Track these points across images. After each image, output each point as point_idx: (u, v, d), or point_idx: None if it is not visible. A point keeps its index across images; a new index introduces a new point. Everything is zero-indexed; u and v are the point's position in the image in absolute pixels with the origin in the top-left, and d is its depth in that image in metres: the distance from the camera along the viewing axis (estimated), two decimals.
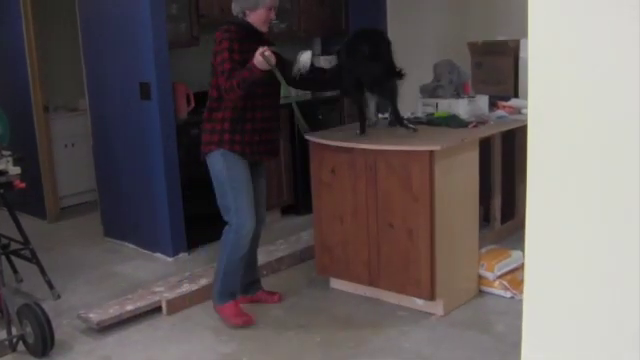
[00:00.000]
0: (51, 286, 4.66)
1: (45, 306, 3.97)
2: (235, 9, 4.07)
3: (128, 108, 5.42)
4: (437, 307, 4.15)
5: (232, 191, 4.05)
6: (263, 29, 4.06)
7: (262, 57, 3.75)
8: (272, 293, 4.51)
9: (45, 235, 6.05)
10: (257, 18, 4.02)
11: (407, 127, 4.34)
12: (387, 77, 4.27)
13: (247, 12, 4.02)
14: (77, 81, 6.39)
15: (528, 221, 1.51)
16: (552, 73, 1.43)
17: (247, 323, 4.15)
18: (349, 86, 4.32)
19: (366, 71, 4.22)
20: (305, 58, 4.09)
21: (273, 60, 3.79)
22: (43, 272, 4.65)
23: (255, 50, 3.79)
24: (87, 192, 6.89)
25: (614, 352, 1.48)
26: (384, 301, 4.34)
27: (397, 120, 4.38)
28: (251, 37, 3.98)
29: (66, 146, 6.93)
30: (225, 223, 5.74)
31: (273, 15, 4.08)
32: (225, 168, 4.04)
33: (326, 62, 6.06)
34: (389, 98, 4.37)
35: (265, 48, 3.79)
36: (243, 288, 4.36)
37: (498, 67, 4.44)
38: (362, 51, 4.24)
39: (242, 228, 4.06)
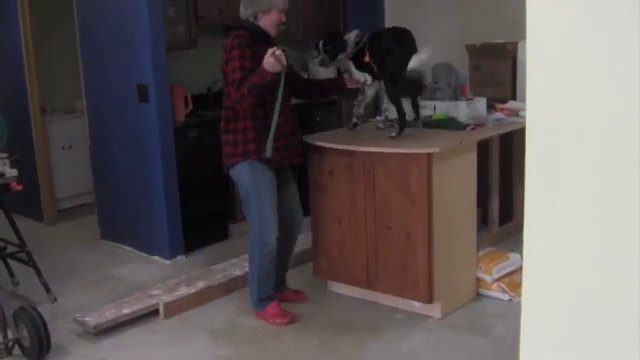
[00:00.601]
0: (47, 289, 4.64)
1: (41, 309, 3.96)
2: (245, 13, 4.03)
3: (126, 110, 5.40)
4: (435, 310, 4.14)
5: (257, 201, 4.05)
6: (273, 32, 4.05)
7: (273, 57, 3.74)
8: (298, 292, 4.53)
9: (42, 238, 6.03)
10: (269, 21, 4.01)
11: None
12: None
13: (259, 15, 4.00)
14: (75, 83, 6.37)
15: (526, 223, 1.50)
16: (550, 75, 1.42)
17: (291, 322, 4.18)
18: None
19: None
20: (424, 57, 4.05)
21: (284, 59, 3.79)
22: (39, 275, 4.63)
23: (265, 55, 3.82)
24: (84, 194, 6.86)
25: (613, 354, 1.47)
26: (382, 304, 4.33)
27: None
28: (262, 41, 3.97)
29: (63, 148, 6.91)
30: (223, 227, 5.80)
31: (284, 17, 4.07)
32: (251, 178, 4.03)
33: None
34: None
35: (275, 48, 3.79)
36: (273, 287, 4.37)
37: (496, 69, 4.44)
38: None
39: (266, 237, 4.08)
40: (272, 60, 3.75)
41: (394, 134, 4.19)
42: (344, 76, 4.42)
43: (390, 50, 4.15)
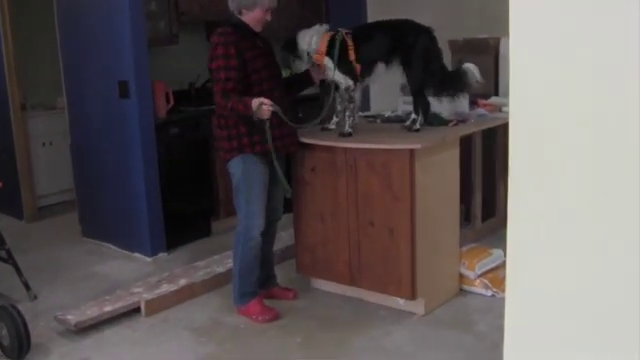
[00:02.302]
0: (28, 287, 4.59)
1: (21, 308, 3.90)
2: (231, 6, 4.03)
3: (107, 106, 5.36)
4: (418, 306, 4.13)
5: (246, 194, 4.05)
6: (257, 29, 4.04)
7: (260, 110, 3.82)
8: (287, 289, 4.51)
9: (22, 235, 5.97)
10: (253, 18, 3.99)
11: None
12: None
13: (243, 11, 3.99)
14: (55, 79, 6.32)
15: (510, 220, 1.49)
16: (534, 69, 1.41)
17: (274, 318, 4.17)
18: None
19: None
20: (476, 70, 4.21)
21: (268, 115, 3.85)
22: (19, 273, 4.58)
23: (252, 49, 3.91)
24: (65, 191, 6.81)
25: (597, 351, 1.46)
26: (365, 301, 4.32)
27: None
28: (247, 37, 3.97)
29: (44, 145, 6.86)
30: (206, 224, 5.77)
31: (269, 16, 4.05)
32: (242, 170, 4.03)
33: None
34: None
35: (264, 101, 3.82)
36: (259, 283, 4.32)
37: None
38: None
39: (251, 230, 4.08)
40: (260, 110, 3.82)
41: (418, 126, 4.19)
42: (309, 69, 4.36)
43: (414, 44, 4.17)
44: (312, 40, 4.18)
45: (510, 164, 1.45)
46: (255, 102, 3.82)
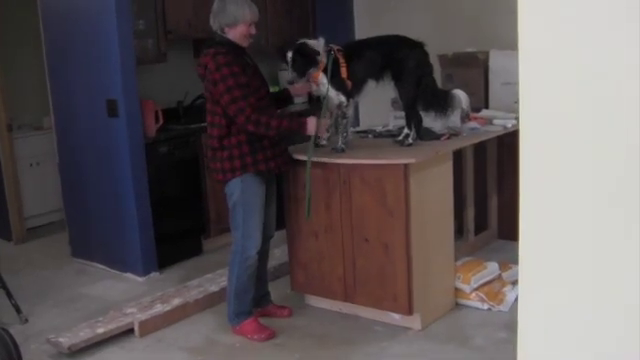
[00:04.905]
0: (18, 310, 4.53)
1: (12, 331, 3.84)
2: (213, 25, 3.99)
3: (95, 126, 5.32)
4: (414, 321, 4.11)
5: (244, 213, 4.03)
6: (244, 44, 4.00)
7: (316, 125, 3.99)
8: (282, 307, 4.48)
9: (11, 257, 5.91)
10: (237, 34, 3.95)
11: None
12: None
13: (226, 29, 3.95)
14: (42, 99, 6.27)
15: (521, 233, 1.48)
16: (543, 81, 1.40)
17: (270, 337, 4.14)
18: None
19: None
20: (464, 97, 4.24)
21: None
22: (9, 295, 4.53)
23: (247, 67, 3.92)
24: (54, 212, 6.75)
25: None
26: (361, 317, 4.30)
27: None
28: (238, 55, 3.95)
29: (31, 165, 6.79)
30: (197, 242, 5.73)
31: (253, 30, 4.02)
32: (241, 190, 4.00)
33: None
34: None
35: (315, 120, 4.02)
36: (254, 301, 4.30)
37: (468, 79, 4.45)
38: None
39: (248, 250, 4.06)
40: (315, 125, 3.99)
41: (411, 140, 4.20)
42: (288, 88, 4.32)
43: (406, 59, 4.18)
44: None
45: (521, 176, 1.44)
46: (309, 122, 4.00)
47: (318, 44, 4.13)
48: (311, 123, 4.00)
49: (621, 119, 1.33)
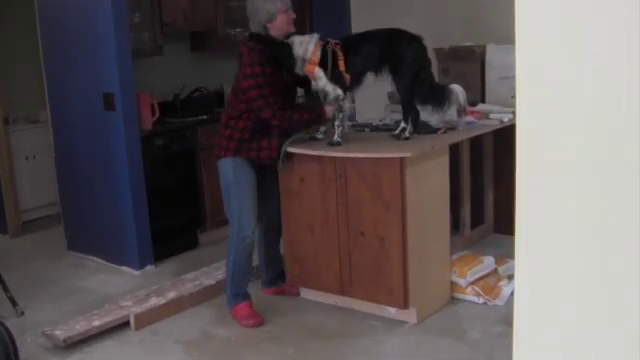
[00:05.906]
0: (14, 303, 4.53)
1: (8, 324, 3.82)
2: (255, 27, 4.11)
3: (91, 119, 5.31)
4: (410, 315, 4.11)
5: (237, 194, 4.15)
6: (291, 30, 4.14)
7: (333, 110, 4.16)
8: (292, 286, 4.61)
9: (7, 250, 5.91)
10: (279, 25, 4.08)
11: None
12: None
13: (268, 25, 4.07)
14: (38, 92, 6.25)
15: (518, 228, 1.48)
16: (541, 75, 1.40)
17: (258, 324, 4.22)
18: None
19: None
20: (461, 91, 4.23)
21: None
22: (5, 288, 4.52)
23: (278, 75, 4.08)
24: (49, 205, 6.72)
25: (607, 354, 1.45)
26: (356, 310, 4.30)
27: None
28: (278, 48, 4.07)
29: (27, 159, 6.77)
30: (193, 236, 5.73)
31: (292, 14, 4.14)
32: (232, 171, 4.12)
33: None
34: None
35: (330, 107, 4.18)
36: (270, 281, 4.62)
37: (465, 73, 4.44)
38: None
39: (245, 229, 4.16)
40: (332, 110, 4.16)
41: (407, 134, 4.20)
42: (325, 108, 4.25)
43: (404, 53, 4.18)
44: (308, 48, 4.13)
45: (518, 172, 1.44)
46: (328, 109, 4.18)
47: (310, 39, 4.15)
48: (329, 111, 4.18)
49: (619, 113, 1.32)
